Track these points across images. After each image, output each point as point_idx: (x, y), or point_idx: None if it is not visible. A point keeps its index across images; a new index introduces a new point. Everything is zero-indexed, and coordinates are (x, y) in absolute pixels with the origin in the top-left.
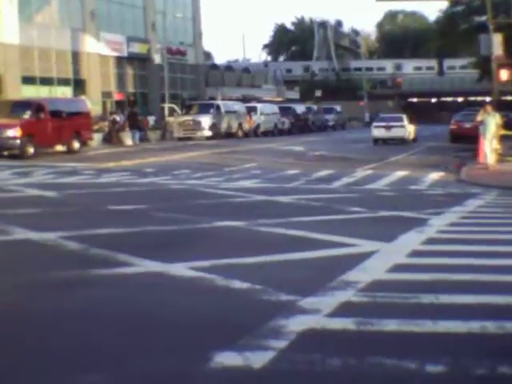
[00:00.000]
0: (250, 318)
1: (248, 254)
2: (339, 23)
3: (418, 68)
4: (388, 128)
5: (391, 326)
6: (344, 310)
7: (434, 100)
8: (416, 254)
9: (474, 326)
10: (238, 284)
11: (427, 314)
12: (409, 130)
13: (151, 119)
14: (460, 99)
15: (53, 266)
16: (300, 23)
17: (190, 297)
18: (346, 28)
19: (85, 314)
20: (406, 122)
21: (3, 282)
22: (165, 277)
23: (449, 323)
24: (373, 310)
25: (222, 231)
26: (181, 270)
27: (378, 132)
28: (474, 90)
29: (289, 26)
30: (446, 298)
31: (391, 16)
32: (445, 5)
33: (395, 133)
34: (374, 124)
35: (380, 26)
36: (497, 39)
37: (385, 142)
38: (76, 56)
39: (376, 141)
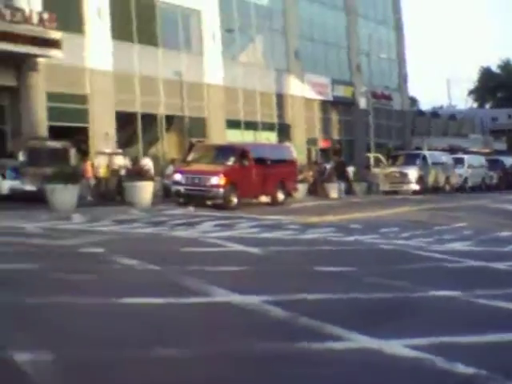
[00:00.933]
0: None
1: (470, 332)
2: None
3: None
4: None
5: None
6: None
7: None
8: None
9: None
10: (461, 368)
11: None
12: None
13: (350, 170)
14: None
15: (254, 335)
16: (506, 65)
17: (411, 381)
18: None
19: None
20: None
21: (199, 352)
22: (380, 355)
23: None
24: None
25: (438, 302)
26: (396, 347)
27: None
28: None
29: (494, 68)
30: None
31: None
32: None
33: None
34: None
35: None
36: None
37: None
38: (280, 99)
39: None
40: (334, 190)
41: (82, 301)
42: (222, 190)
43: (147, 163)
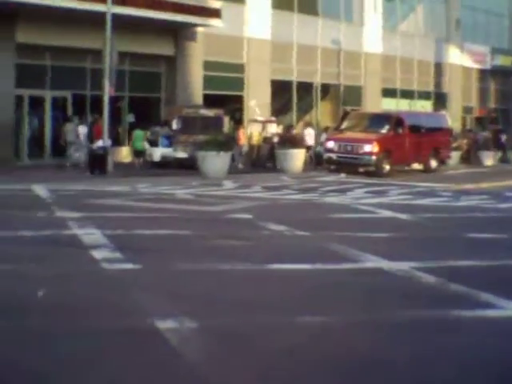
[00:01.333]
0: None
1: None
2: None
3: None
4: None
5: None
6: None
7: None
8: None
9: None
10: None
11: None
12: None
13: (502, 137)
14: None
15: (403, 302)
16: None
17: None
18: None
19: (445, 361)
20: None
21: (349, 319)
22: None
23: None
24: None
25: None
26: None
27: None
28: None
29: None
30: None
31: None
32: None
33: None
34: None
35: None
36: None
37: None
38: (438, 68)
39: None
40: (489, 157)
41: (230, 267)
42: (374, 157)
43: (309, 133)
